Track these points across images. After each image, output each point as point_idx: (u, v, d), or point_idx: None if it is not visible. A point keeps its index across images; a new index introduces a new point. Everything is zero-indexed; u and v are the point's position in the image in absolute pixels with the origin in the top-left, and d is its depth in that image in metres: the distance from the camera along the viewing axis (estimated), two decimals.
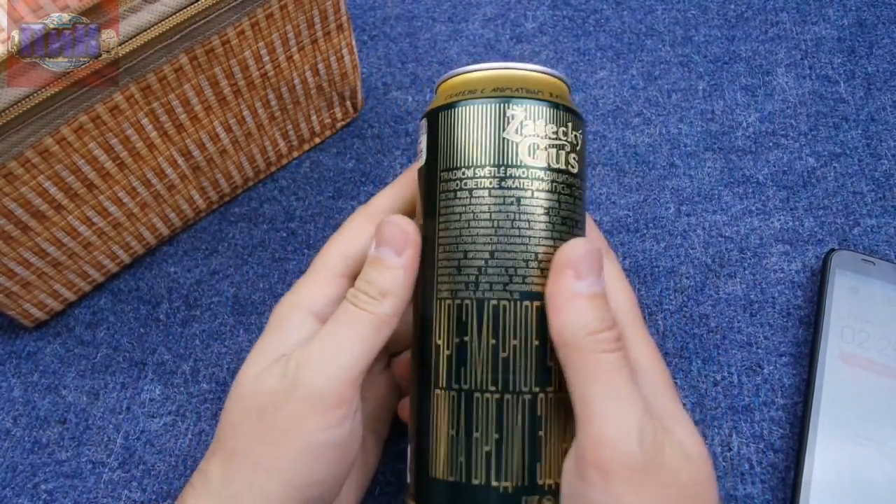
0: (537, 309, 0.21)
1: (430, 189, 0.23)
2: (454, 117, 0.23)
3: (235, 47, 0.31)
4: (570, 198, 0.22)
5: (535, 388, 0.21)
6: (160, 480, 0.30)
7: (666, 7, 0.43)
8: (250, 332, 0.34)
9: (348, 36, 0.36)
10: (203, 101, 0.32)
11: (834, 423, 0.29)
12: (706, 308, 0.34)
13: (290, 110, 0.36)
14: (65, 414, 0.32)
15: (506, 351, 0.21)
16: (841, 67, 0.41)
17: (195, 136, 0.33)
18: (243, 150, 0.36)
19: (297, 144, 0.39)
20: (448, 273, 0.22)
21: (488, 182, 0.22)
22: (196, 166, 0.34)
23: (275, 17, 0.31)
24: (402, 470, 0.31)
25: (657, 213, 0.36)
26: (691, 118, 0.39)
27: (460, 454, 0.21)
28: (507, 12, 0.44)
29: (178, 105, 0.31)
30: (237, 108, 0.34)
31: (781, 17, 0.43)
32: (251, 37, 0.31)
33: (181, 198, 0.35)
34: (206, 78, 0.31)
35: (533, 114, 0.22)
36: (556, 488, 0.21)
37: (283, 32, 0.32)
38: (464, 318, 0.22)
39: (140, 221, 0.34)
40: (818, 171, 0.37)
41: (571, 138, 0.23)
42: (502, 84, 0.23)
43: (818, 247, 0.35)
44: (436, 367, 0.22)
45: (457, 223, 0.22)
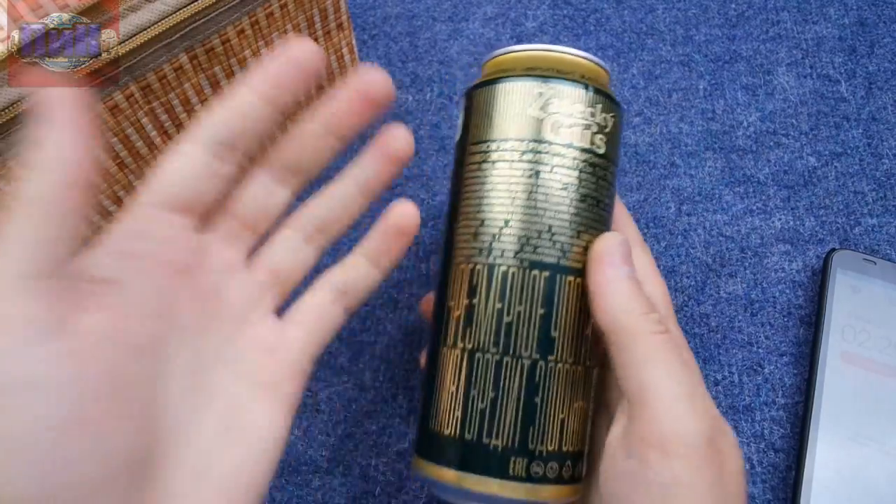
0: (545, 279, 0.22)
1: (460, 161, 0.25)
2: (487, 94, 0.24)
3: (236, 46, 0.31)
4: (593, 177, 0.23)
5: (536, 355, 0.22)
6: None
7: (666, 6, 0.43)
8: None
9: (348, 35, 0.36)
10: (203, 100, 0.32)
11: (835, 423, 0.29)
12: (707, 307, 0.34)
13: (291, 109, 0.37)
14: None
15: (510, 315, 0.22)
16: (842, 67, 0.40)
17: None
18: None
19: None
20: (465, 240, 0.23)
21: (510, 155, 0.23)
22: None
23: (275, 16, 0.31)
24: (402, 469, 0.31)
25: (658, 212, 0.36)
26: (692, 117, 0.39)
27: (457, 409, 0.22)
28: (507, 11, 0.44)
29: (179, 104, 0.31)
30: None
31: (782, 16, 0.43)
32: (251, 36, 0.31)
33: None
34: (207, 77, 0.31)
35: (560, 93, 0.23)
36: (547, 455, 0.21)
37: (283, 31, 0.32)
38: (474, 281, 0.23)
39: None
40: (819, 171, 0.37)
41: (600, 119, 0.23)
42: (535, 64, 0.24)
43: (819, 246, 0.35)
44: (446, 326, 0.23)
45: (478, 192, 0.23)
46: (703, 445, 0.19)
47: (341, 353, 0.33)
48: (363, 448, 0.31)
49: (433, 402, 0.23)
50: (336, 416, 0.32)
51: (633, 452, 0.20)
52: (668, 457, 0.19)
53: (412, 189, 0.38)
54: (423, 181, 0.37)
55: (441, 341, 0.23)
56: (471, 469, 0.21)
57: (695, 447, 0.19)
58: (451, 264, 0.24)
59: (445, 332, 0.23)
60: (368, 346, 0.33)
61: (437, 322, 0.24)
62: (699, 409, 0.20)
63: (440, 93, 0.40)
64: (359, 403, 0.32)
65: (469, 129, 0.24)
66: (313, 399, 0.32)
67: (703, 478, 0.19)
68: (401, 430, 0.32)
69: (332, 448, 0.31)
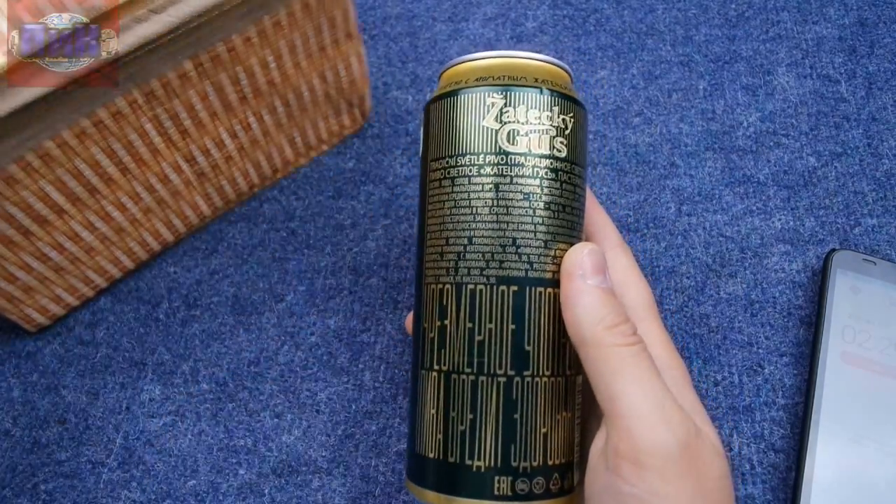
0: (513, 293, 0.22)
1: (423, 179, 0.24)
2: (441, 107, 0.23)
3: (241, 54, 0.31)
4: (556, 182, 0.23)
5: (511, 372, 0.21)
6: (160, 481, 0.30)
7: (667, 6, 0.43)
8: (250, 332, 0.34)
9: (357, 44, 0.36)
10: (208, 107, 0.32)
11: (835, 423, 0.29)
12: (707, 308, 0.34)
13: (297, 117, 0.36)
14: (64, 414, 0.32)
15: (481, 334, 0.22)
16: (842, 67, 0.40)
17: (200, 142, 0.33)
18: (249, 156, 0.36)
19: (304, 151, 0.39)
20: (433, 259, 0.23)
21: (468, 170, 0.22)
22: (201, 172, 0.34)
23: (282, 24, 0.31)
24: (402, 470, 0.31)
25: (658, 212, 0.36)
26: (692, 118, 0.39)
27: (438, 432, 0.22)
28: (507, 11, 0.44)
29: (183, 111, 0.31)
30: (243, 115, 0.34)
31: (782, 16, 0.43)
32: (258, 44, 0.31)
33: (185, 204, 0.35)
34: (212, 84, 0.31)
35: (514, 100, 0.22)
36: (531, 471, 0.21)
37: (290, 40, 0.32)
38: (444, 301, 0.22)
39: (143, 227, 0.34)
40: (819, 171, 0.37)
41: (558, 122, 0.23)
42: (485, 73, 0.23)
43: (819, 246, 0.35)
44: (423, 348, 0.23)
45: (440, 210, 0.23)
46: (677, 455, 0.19)
47: (341, 353, 0.33)
48: (363, 448, 0.31)
49: (417, 426, 0.23)
50: (336, 416, 0.32)
51: (612, 468, 0.20)
52: (643, 469, 0.19)
53: (412, 189, 0.38)
54: None
55: (420, 364, 0.23)
56: (457, 492, 0.21)
57: (668, 458, 0.19)
58: (422, 284, 0.23)
59: (423, 354, 0.23)
60: (368, 347, 0.33)
61: (415, 344, 0.24)
62: (671, 419, 0.20)
63: None
64: (359, 404, 0.32)
65: (428, 144, 0.24)
66: (313, 399, 0.32)
67: (681, 488, 0.19)
68: (401, 430, 0.32)
69: (332, 448, 0.31)
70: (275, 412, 0.32)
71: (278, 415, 0.32)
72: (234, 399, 0.32)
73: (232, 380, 0.33)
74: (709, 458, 0.20)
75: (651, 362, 0.21)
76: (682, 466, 0.19)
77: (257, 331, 0.34)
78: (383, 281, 0.35)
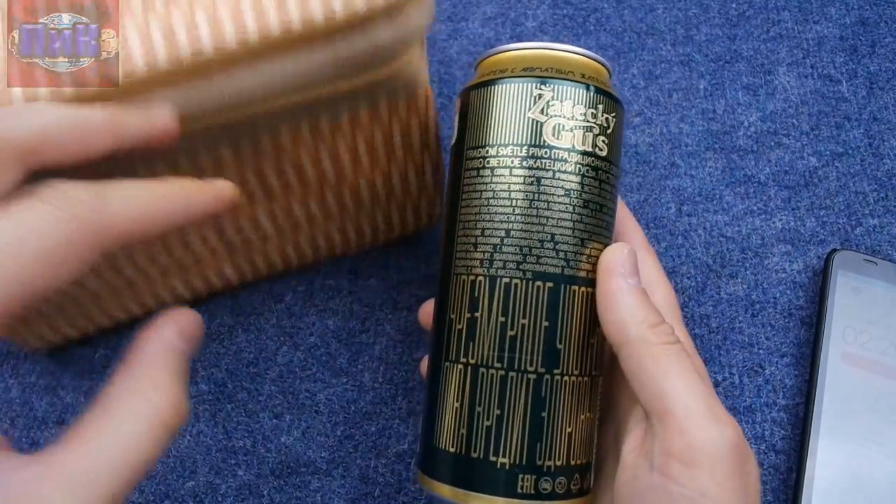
0: (549, 290, 0.21)
1: (457, 166, 0.24)
2: (482, 96, 0.23)
3: (289, 149, 0.26)
4: (596, 181, 0.22)
5: (541, 369, 0.21)
6: (158, 482, 0.30)
7: (667, 6, 0.43)
8: (249, 333, 0.34)
9: (435, 153, 0.30)
10: (247, 191, 0.28)
11: (836, 424, 0.29)
12: (707, 308, 0.34)
13: (351, 212, 0.31)
14: (62, 415, 0.32)
15: (514, 329, 0.21)
16: (843, 66, 0.40)
17: (233, 219, 0.29)
18: (289, 239, 0.32)
19: (355, 244, 0.34)
20: (465, 249, 0.23)
21: (510, 161, 0.22)
22: (231, 245, 0.30)
23: (343, 130, 0.26)
24: (402, 470, 0.31)
25: (658, 212, 0.36)
26: (692, 117, 0.39)
27: (462, 426, 0.22)
28: (507, 11, 0.44)
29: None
30: (284, 202, 0.29)
31: (783, 15, 0.42)
32: (310, 143, 0.26)
33: (211, 271, 0.32)
34: (253, 172, 0.27)
35: (561, 94, 0.22)
36: (555, 470, 0.21)
37: (351, 146, 0.27)
38: (476, 293, 0.22)
39: (160, 285, 0.31)
40: (820, 171, 0.37)
41: (602, 121, 0.23)
42: (533, 64, 0.23)
43: (820, 247, 0.35)
44: (447, 340, 0.23)
45: (477, 200, 0.22)
46: (728, 456, 0.19)
47: (340, 354, 0.33)
48: (362, 449, 0.31)
49: (437, 418, 0.23)
50: (335, 417, 0.32)
51: (655, 465, 0.20)
52: (694, 468, 0.19)
53: None
54: None
55: (443, 355, 0.23)
56: (478, 488, 0.21)
57: (720, 458, 0.19)
58: (451, 274, 0.23)
59: (447, 345, 0.23)
60: (367, 347, 0.33)
61: (437, 334, 0.23)
62: (719, 418, 0.20)
63: (440, 93, 0.40)
64: (358, 405, 0.32)
65: (465, 132, 0.23)
66: (312, 400, 0.32)
67: (729, 489, 0.19)
68: (400, 431, 0.31)
69: (332, 449, 0.31)
70: (274, 413, 0.32)
71: (277, 415, 0.32)
72: (233, 400, 0.32)
73: (230, 380, 0.33)
74: (751, 460, 0.20)
75: (693, 363, 0.21)
76: (730, 467, 0.19)
77: (256, 331, 0.34)
78: (383, 281, 0.35)
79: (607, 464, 0.24)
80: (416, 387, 0.32)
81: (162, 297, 0.32)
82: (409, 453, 0.31)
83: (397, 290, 0.35)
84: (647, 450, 0.20)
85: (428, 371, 0.24)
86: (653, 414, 0.20)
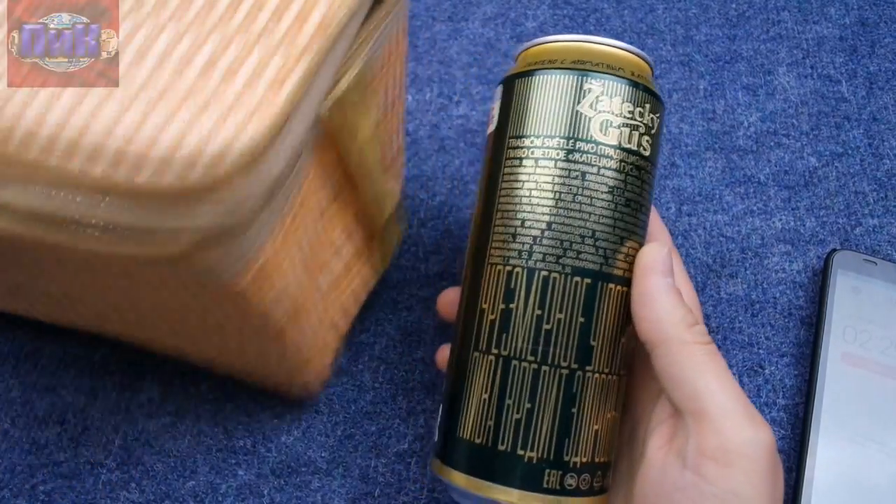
0: (587, 286, 0.21)
1: (497, 154, 0.23)
2: (529, 85, 0.23)
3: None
4: (638, 180, 0.22)
5: (574, 365, 0.21)
6: (159, 481, 0.30)
7: (667, 6, 0.43)
8: None
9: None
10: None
11: (835, 424, 0.29)
12: (707, 308, 0.34)
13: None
14: (63, 414, 0.32)
15: (549, 323, 0.21)
16: (843, 67, 0.40)
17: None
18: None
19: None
20: (502, 239, 0.22)
21: (555, 153, 0.22)
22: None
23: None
24: (402, 470, 0.31)
25: (658, 213, 0.36)
26: (692, 118, 0.39)
27: (490, 418, 0.21)
28: (507, 11, 0.44)
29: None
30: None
31: (783, 16, 0.43)
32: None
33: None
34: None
35: (610, 90, 0.22)
36: (580, 467, 0.21)
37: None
38: (512, 285, 0.22)
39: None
40: (820, 171, 0.37)
41: (647, 120, 0.23)
42: (583, 57, 0.22)
43: (820, 247, 0.35)
44: (478, 330, 0.22)
45: (518, 190, 0.22)
46: (763, 458, 0.19)
47: (340, 353, 0.33)
48: (362, 449, 0.31)
49: (461, 409, 0.22)
50: (335, 416, 0.32)
51: (688, 464, 0.20)
52: (730, 468, 0.19)
53: (412, 189, 0.38)
54: (423, 181, 0.37)
55: (472, 345, 0.22)
56: (503, 481, 0.21)
57: (756, 459, 0.19)
58: (485, 263, 0.23)
59: (477, 335, 0.22)
60: (367, 347, 0.33)
61: (465, 324, 0.23)
62: (757, 421, 0.20)
63: (440, 93, 0.40)
64: (358, 404, 0.32)
65: (507, 120, 0.23)
66: (312, 400, 0.32)
67: (761, 491, 0.19)
68: (400, 431, 0.31)
69: (332, 449, 0.31)
70: (274, 413, 0.32)
71: (277, 415, 0.32)
72: (233, 399, 0.32)
73: (230, 380, 0.33)
74: (780, 466, 0.20)
75: (725, 363, 0.21)
76: (764, 469, 0.19)
77: None
78: (383, 281, 0.35)
79: (620, 462, 0.24)
80: (416, 387, 0.32)
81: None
82: (410, 453, 0.31)
83: (397, 290, 0.35)
84: (679, 448, 0.20)
85: (451, 361, 0.24)
86: (687, 413, 0.20)
